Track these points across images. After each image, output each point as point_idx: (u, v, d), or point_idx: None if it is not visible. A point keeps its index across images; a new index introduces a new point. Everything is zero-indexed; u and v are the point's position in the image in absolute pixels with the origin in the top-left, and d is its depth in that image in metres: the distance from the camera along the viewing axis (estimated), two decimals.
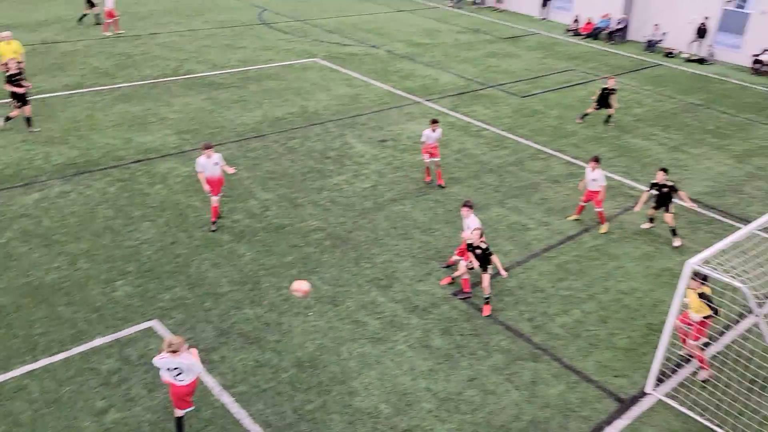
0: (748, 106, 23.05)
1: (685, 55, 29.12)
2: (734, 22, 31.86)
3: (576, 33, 32.17)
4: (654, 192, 13.46)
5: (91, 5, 26.69)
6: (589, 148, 18.09)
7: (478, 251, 10.89)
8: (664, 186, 13.34)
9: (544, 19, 34.94)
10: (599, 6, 31.95)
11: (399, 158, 16.69)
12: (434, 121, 14.75)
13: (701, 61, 28.52)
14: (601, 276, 12.29)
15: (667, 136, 19.49)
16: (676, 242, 13.46)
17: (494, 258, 10.88)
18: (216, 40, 26.00)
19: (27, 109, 16.29)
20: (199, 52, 24.19)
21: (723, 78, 26.51)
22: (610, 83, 19.28)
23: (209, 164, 12.39)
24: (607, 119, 19.85)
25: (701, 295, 9.31)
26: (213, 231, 12.70)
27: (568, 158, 17.38)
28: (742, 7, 36.19)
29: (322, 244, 12.70)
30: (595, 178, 13.49)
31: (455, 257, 11.82)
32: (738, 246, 10.24)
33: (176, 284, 11.15)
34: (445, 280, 11.70)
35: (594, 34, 31.66)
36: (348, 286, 11.50)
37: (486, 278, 10.96)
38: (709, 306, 9.27)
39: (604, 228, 13.82)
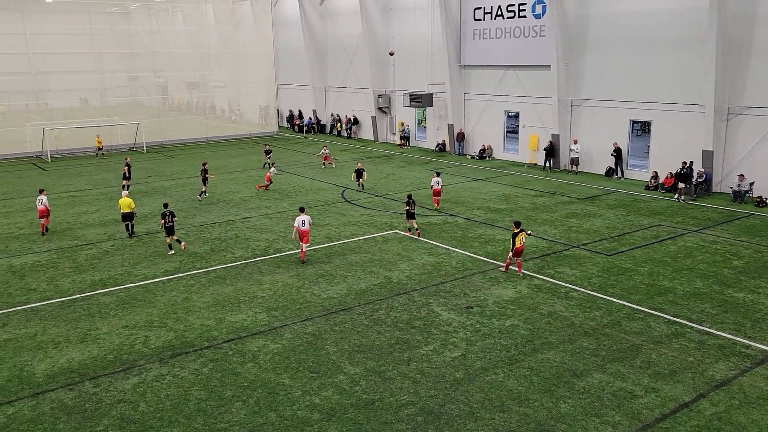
0: None
1: None
2: None
3: (656, 188, 31.96)
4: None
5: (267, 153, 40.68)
6: (689, 305, 17.12)
7: None
8: None
9: (620, 177, 35.13)
10: (676, 160, 31.88)
11: (487, 324, 16.27)
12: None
13: None
14: None
15: None
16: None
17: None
18: None
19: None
20: (287, 231, 25.47)
21: None
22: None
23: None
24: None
25: None
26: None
27: (668, 317, 16.42)
28: None
29: (414, 420, 12.12)
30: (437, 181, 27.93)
31: None
32: None
33: None
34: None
35: (675, 188, 31.34)
36: None
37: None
38: None
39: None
